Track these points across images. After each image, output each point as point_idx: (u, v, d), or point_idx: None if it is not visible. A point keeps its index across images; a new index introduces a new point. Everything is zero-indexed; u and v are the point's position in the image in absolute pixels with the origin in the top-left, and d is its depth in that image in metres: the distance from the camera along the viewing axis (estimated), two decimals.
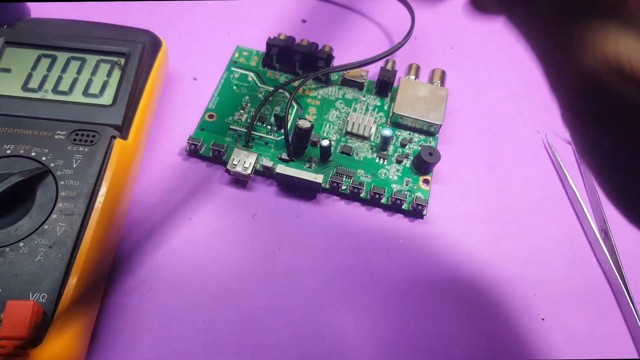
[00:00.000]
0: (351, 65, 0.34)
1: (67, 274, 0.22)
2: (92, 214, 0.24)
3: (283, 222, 0.29)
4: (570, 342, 0.27)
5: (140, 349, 0.24)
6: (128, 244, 0.28)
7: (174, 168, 0.31)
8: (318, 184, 0.29)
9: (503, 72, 0.39)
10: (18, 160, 0.25)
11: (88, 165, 0.25)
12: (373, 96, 0.35)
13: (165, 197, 0.30)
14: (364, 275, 0.28)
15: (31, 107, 0.27)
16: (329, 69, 0.34)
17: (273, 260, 0.28)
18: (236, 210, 0.29)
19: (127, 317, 0.25)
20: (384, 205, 0.30)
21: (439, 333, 0.26)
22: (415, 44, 0.41)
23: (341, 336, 0.26)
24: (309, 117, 0.33)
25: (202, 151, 0.31)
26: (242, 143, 0.32)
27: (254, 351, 0.25)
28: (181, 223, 0.29)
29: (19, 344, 0.19)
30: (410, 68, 0.37)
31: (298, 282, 0.27)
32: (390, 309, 0.27)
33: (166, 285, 0.26)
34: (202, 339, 0.25)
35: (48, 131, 0.26)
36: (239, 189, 0.30)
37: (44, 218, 0.23)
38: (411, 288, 0.28)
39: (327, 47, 0.37)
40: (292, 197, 0.30)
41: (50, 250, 0.22)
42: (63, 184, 0.24)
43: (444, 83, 0.36)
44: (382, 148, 0.32)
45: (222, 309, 0.26)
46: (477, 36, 0.42)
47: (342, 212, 0.30)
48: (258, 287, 0.27)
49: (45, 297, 0.21)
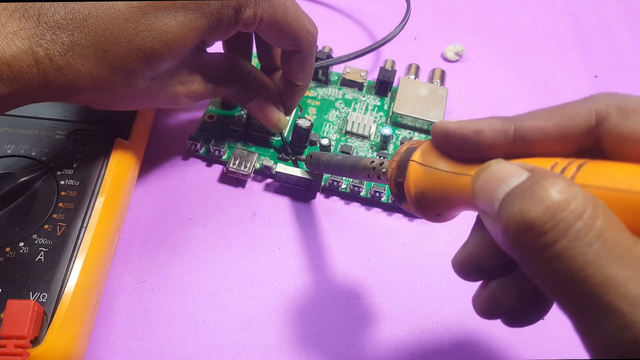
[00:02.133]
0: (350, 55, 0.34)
1: (67, 274, 0.22)
2: (92, 214, 0.24)
3: (283, 222, 0.29)
4: (570, 342, 0.27)
5: (140, 349, 0.24)
6: (128, 244, 0.28)
7: (174, 168, 0.31)
8: (318, 182, 0.29)
9: (503, 71, 0.39)
10: (18, 160, 0.25)
11: (88, 165, 0.25)
12: (373, 96, 0.35)
13: (165, 197, 0.30)
14: (364, 275, 0.28)
15: (32, 107, 0.27)
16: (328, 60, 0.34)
17: (273, 260, 0.28)
18: (236, 210, 0.29)
19: (127, 317, 0.25)
20: (384, 204, 0.30)
21: (439, 332, 0.26)
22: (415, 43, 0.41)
23: (341, 336, 0.26)
24: (309, 117, 0.33)
25: (202, 151, 0.31)
26: (242, 143, 0.32)
27: (254, 351, 0.25)
28: (181, 223, 0.29)
29: (19, 344, 0.19)
30: (410, 68, 0.37)
31: (298, 282, 0.27)
32: (390, 308, 0.27)
33: (166, 285, 0.26)
34: (202, 339, 0.25)
35: (48, 131, 0.26)
36: (239, 189, 0.30)
37: (44, 218, 0.23)
38: (411, 287, 0.28)
39: (327, 48, 0.37)
40: (292, 197, 0.30)
41: (50, 250, 0.22)
42: (63, 184, 0.24)
43: (444, 82, 0.36)
44: (382, 147, 0.32)
45: (222, 309, 0.26)
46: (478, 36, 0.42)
47: (342, 212, 0.30)
48: (258, 287, 0.27)
49: (45, 297, 0.21)
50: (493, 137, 0.16)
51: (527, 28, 0.43)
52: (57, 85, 0.20)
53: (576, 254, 0.11)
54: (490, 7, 0.45)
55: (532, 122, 0.15)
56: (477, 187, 0.14)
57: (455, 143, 0.17)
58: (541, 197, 0.12)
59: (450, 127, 0.17)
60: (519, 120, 0.16)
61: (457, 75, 0.38)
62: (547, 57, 0.41)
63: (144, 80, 0.23)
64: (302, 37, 0.26)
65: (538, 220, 0.12)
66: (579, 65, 0.41)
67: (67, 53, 0.20)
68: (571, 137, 0.15)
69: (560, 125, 0.15)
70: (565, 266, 0.12)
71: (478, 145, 0.16)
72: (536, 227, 0.12)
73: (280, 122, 0.30)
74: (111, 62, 0.21)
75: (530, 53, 0.41)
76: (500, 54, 0.41)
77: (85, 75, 0.21)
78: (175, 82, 0.24)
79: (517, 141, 0.16)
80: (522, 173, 0.13)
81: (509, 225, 0.13)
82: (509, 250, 0.13)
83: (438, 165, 0.17)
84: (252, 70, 0.28)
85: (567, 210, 0.12)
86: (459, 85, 0.37)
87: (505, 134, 0.16)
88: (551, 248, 0.12)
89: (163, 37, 0.21)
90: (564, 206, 0.12)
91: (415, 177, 0.18)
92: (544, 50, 0.41)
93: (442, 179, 0.17)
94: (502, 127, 0.16)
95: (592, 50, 0.42)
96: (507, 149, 0.16)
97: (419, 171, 0.18)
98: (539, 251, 0.12)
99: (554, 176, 0.12)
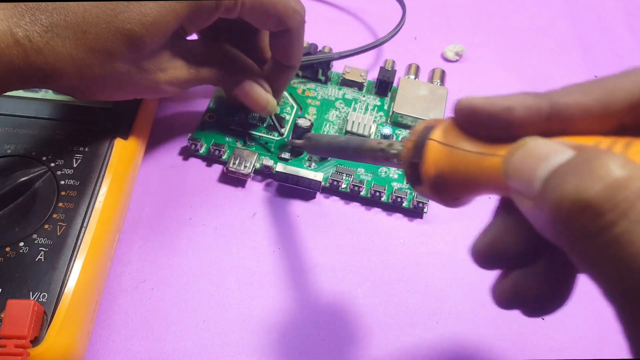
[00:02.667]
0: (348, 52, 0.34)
1: (67, 274, 0.22)
2: (92, 214, 0.24)
3: (283, 222, 0.29)
4: (571, 342, 0.27)
5: (140, 349, 0.24)
6: (128, 244, 0.28)
7: (174, 168, 0.31)
8: (318, 182, 0.29)
9: (503, 71, 0.39)
10: (18, 160, 0.25)
11: (88, 165, 0.25)
12: (373, 96, 0.35)
13: (165, 197, 0.30)
14: (364, 275, 0.28)
15: (32, 107, 0.27)
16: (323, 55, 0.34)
17: (273, 260, 0.28)
18: (236, 210, 0.29)
19: (127, 317, 0.25)
20: (384, 204, 0.30)
21: (439, 332, 0.26)
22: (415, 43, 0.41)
23: (341, 336, 0.26)
24: (309, 117, 0.33)
25: (202, 151, 0.31)
26: (242, 143, 0.32)
27: (254, 351, 0.25)
28: (181, 223, 0.29)
29: (19, 344, 0.19)
30: (410, 68, 0.37)
31: (298, 282, 0.27)
32: (390, 308, 0.27)
33: (166, 285, 0.26)
34: (202, 339, 0.25)
35: (48, 131, 0.26)
36: (239, 189, 0.30)
37: (44, 218, 0.23)
38: (411, 287, 0.28)
39: (327, 48, 0.37)
40: (292, 197, 0.30)
41: (50, 250, 0.22)
42: (63, 184, 0.24)
43: (444, 82, 0.36)
44: None
45: (222, 309, 0.26)
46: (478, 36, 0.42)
47: (342, 212, 0.30)
48: (258, 287, 0.27)
49: (45, 297, 0.21)
50: (525, 114, 0.15)
51: (527, 28, 0.43)
52: (37, 67, 0.20)
53: (638, 239, 0.10)
54: (490, 7, 0.45)
55: (569, 97, 0.14)
56: (512, 166, 0.13)
57: (482, 121, 0.15)
58: (600, 173, 0.11)
59: (478, 104, 0.15)
60: (554, 96, 0.14)
61: (457, 75, 0.38)
62: (547, 57, 0.41)
63: (124, 63, 0.23)
64: (288, 15, 0.26)
65: (598, 198, 0.11)
66: (579, 65, 0.41)
67: (46, 34, 0.20)
68: (613, 114, 0.14)
69: (601, 100, 0.14)
70: (625, 251, 0.10)
71: (508, 123, 0.15)
72: (594, 207, 0.11)
73: (270, 104, 0.30)
74: (90, 44, 0.21)
75: (530, 53, 0.41)
76: (500, 54, 0.41)
77: (65, 57, 0.21)
78: (156, 69, 0.24)
79: (552, 119, 0.14)
80: (566, 150, 0.12)
81: (562, 205, 0.11)
82: (554, 235, 0.12)
83: (461, 145, 0.16)
84: (235, 54, 0.28)
85: (629, 189, 0.11)
86: (459, 85, 0.37)
87: (539, 111, 0.14)
88: (610, 231, 0.11)
89: (142, 18, 0.22)
90: (626, 184, 0.11)
91: (436, 157, 0.16)
92: (543, 50, 0.41)
93: (466, 159, 0.16)
94: (535, 103, 0.14)
95: (592, 50, 0.42)
96: (540, 127, 0.14)
97: (440, 151, 0.16)
98: (596, 234, 0.11)
99: (611, 152, 0.11)
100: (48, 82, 0.22)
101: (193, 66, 0.26)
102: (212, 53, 0.27)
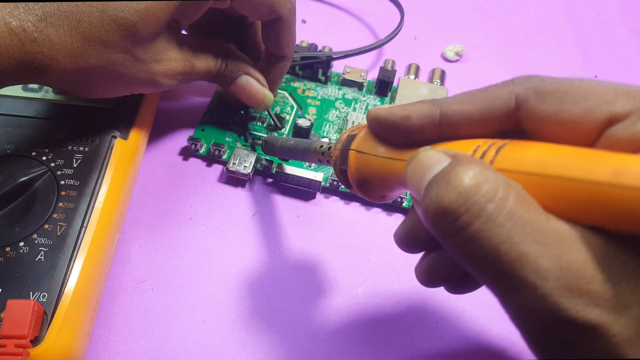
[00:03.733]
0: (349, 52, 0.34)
1: (67, 274, 0.22)
2: (92, 214, 0.24)
3: (283, 222, 0.29)
4: None
5: (140, 349, 0.24)
6: (128, 244, 0.28)
7: (174, 168, 0.31)
8: (318, 182, 0.29)
9: (503, 71, 0.39)
10: (18, 160, 0.25)
11: (88, 165, 0.25)
12: (373, 96, 0.35)
13: (165, 197, 0.30)
14: (364, 275, 0.28)
15: (32, 107, 0.27)
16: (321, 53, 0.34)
17: (273, 260, 0.28)
18: (236, 210, 0.29)
19: (127, 317, 0.25)
20: (384, 204, 0.30)
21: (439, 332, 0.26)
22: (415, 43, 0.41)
23: (341, 336, 0.26)
24: (309, 117, 0.33)
25: (202, 151, 0.31)
26: (242, 142, 0.32)
27: (254, 351, 0.25)
28: (181, 223, 0.29)
29: (19, 343, 0.19)
30: (410, 68, 0.37)
31: (298, 282, 0.27)
32: (390, 308, 0.27)
33: (166, 285, 0.26)
34: (202, 339, 0.25)
35: (48, 131, 0.26)
36: (239, 189, 0.30)
37: (44, 218, 0.23)
38: (411, 287, 0.28)
39: (327, 48, 0.37)
40: (292, 197, 0.30)
41: (50, 250, 0.22)
42: (63, 184, 0.24)
43: (444, 82, 0.36)
44: None
45: (222, 309, 0.26)
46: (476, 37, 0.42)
47: (342, 212, 0.30)
48: (258, 287, 0.27)
49: (45, 297, 0.21)
50: (421, 122, 0.16)
51: (527, 28, 0.43)
52: (33, 57, 0.21)
53: (490, 235, 0.12)
54: (490, 7, 0.45)
55: (455, 106, 0.16)
56: (407, 175, 0.15)
57: (387, 129, 0.17)
58: (454, 183, 0.13)
59: (382, 114, 0.17)
60: (444, 105, 0.16)
61: (457, 75, 0.38)
62: (547, 57, 0.41)
63: (119, 52, 0.23)
64: (279, 2, 0.26)
65: (452, 205, 0.12)
66: (579, 65, 0.41)
67: (40, 23, 0.20)
68: (492, 120, 0.15)
69: (481, 109, 0.16)
70: (481, 246, 0.12)
71: (408, 130, 0.17)
72: (451, 212, 0.12)
73: (267, 99, 0.30)
74: (85, 32, 0.21)
75: (530, 53, 0.41)
76: (500, 54, 0.41)
77: (60, 47, 0.21)
78: (151, 59, 0.24)
79: (442, 125, 0.16)
80: (445, 160, 0.14)
81: (428, 212, 0.13)
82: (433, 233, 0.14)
83: (375, 151, 0.18)
84: (231, 49, 0.28)
85: (478, 194, 0.12)
86: (459, 85, 0.37)
87: (431, 119, 0.16)
88: (466, 230, 0.12)
89: (135, 6, 0.22)
90: (475, 190, 0.12)
91: (357, 164, 0.19)
92: (543, 51, 0.41)
93: (380, 164, 0.18)
94: (428, 112, 0.16)
95: (592, 50, 0.42)
96: (435, 133, 0.16)
97: (359, 159, 0.19)
98: (455, 234, 0.13)
99: (470, 162, 0.13)
100: (44, 76, 0.22)
101: (188, 59, 0.26)
102: (207, 47, 0.27)
